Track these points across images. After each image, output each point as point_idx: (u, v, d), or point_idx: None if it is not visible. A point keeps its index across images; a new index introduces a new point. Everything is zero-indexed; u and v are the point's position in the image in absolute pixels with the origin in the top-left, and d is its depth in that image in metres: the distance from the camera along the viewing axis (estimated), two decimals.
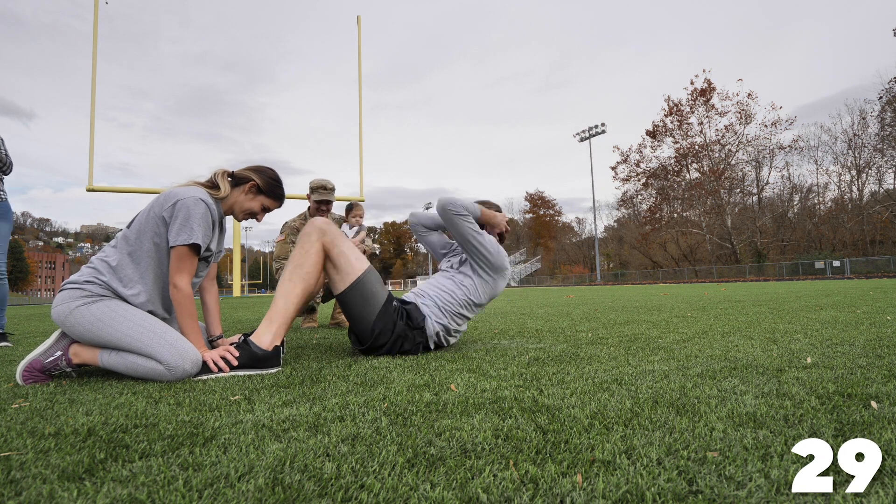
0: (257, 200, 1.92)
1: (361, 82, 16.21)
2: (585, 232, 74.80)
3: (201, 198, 1.72)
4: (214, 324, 2.02)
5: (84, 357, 1.67)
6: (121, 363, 1.63)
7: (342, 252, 1.97)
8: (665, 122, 45.14)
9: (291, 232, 3.82)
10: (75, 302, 1.64)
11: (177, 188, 1.76)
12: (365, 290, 1.98)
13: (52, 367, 1.65)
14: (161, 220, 1.70)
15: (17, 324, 4.95)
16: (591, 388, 1.31)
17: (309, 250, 1.92)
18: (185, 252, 1.68)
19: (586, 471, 0.75)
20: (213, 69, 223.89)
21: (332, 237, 1.96)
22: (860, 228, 36.67)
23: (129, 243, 1.72)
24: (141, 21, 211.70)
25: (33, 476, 0.79)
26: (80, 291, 1.66)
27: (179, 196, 1.70)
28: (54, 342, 1.70)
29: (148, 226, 1.71)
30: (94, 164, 13.44)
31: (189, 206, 1.68)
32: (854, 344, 1.96)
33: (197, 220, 1.69)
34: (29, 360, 1.64)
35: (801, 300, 5.28)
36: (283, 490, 0.71)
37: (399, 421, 1.05)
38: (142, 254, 1.71)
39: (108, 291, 1.68)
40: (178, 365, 1.59)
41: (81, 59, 33.30)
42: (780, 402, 1.10)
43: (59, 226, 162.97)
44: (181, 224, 1.67)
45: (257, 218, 1.97)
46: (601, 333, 2.68)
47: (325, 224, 1.97)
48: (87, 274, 1.70)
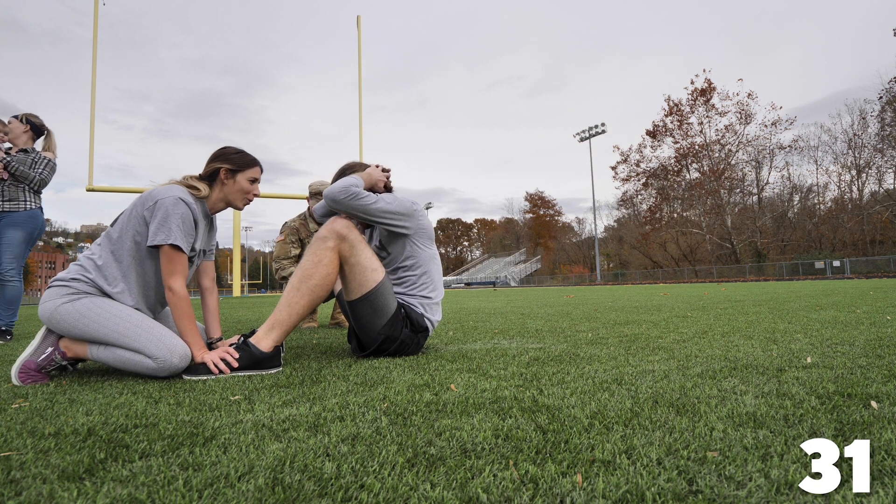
0: (241, 180, 1.89)
1: (361, 82, 16.21)
2: (585, 232, 74.86)
3: (181, 197, 1.72)
4: (214, 326, 2.01)
5: (75, 350, 1.68)
6: (110, 357, 1.63)
7: (359, 262, 1.86)
8: (665, 121, 45.19)
9: (291, 232, 3.83)
10: (60, 299, 1.65)
11: (158, 188, 1.76)
12: (377, 302, 1.89)
13: (48, 363, 1.65)
14: (142, 219, 1.71)
15: (17, 324, 4.95)
16: (591, 388, 1.31)
17: (322, 259, 1.82)
18: (172, 252, 1.68)
19: (586, 471, 0.75)
20: (212, 73, 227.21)
21: (350, 244, 1.84)
22: (860, 228, 36.67)
23: (112, 242, 1.73)
24: (141, 27, 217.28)
25: (33, 476, 0.79)
26: (66, 289, 1.66)
27: (159, 196, 1.70)
28: (41, 340, 1.70)
29: (129, 225, 1.72)
30: (94, 166, 13.52)
31: (168, 206, 1.68)
32: (854, 344, 1.96)
33: (175, 221, 1.68)
34: (21, 361, 1.64)
35: (801, 300, 5.28)
36: (283, 490, 0.71)
37: (399, 421, 1.05)
38: (123, 252, 1.71)
39: (93, 289, 1.68)
40: (166, 359, 1.59)
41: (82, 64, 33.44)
42: (780, 402, 1.10)
43: (59, 226, 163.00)
44: (159, 224, 1.67)
45: (255, 193, 1.94)
46: (601, 333, 2.68)
47: (345, 228, 1.85)
48: (74, 271, 1.71)
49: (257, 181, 1.93)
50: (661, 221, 45.80)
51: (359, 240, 1.88)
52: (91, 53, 13.72)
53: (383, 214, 1.96)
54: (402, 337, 1.95)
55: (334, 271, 1.85)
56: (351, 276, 1.88)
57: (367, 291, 1.88)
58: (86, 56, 18.05)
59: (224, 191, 1.88)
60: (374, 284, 1.88)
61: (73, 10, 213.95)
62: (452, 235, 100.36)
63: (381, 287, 1.89)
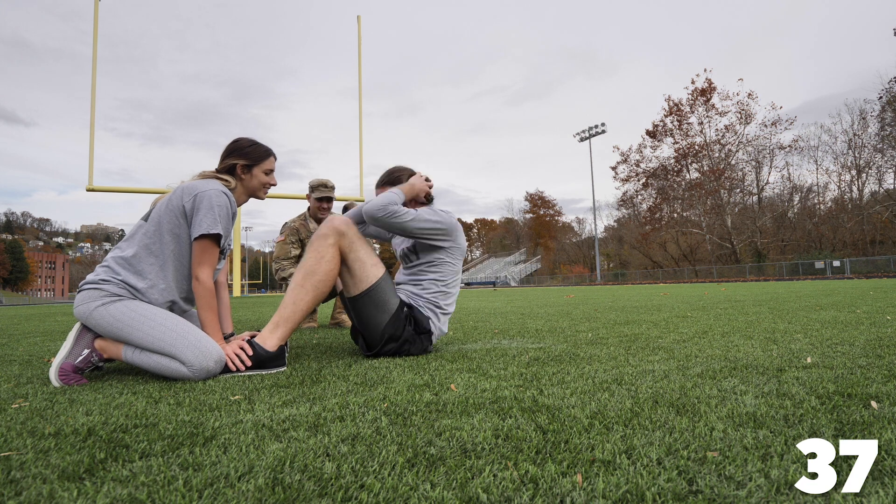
0: (257, 173, 1.90)
1: (361, 83, 16.20)
2: (585, 232, 74.88)
3: (223, 190, 1.74)
4: (227, 320, 2.03)
5: (110, 352, 1.67)
6: (146, 361, 1.62)
7: (359, 257, 1.89)
8: (665, 121, 45.18)
9: (291, 232, 3.83)
10: (95, 302, 1.64)
11: (195, 181, 1.77)
12: (378, 298, 1.91)
13: (85, 364, 1.64)
14: (181, 212, 1.71)
15: (17, 323, 4.95)
16: (591, 388, 1.31)
17: (324, 255, 1.84)
18: (209, 244, 1.70)
19: (586, 471, 0.75)
20: (210, 85, 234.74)
21: (350, 240, 1.88)
22: (860, 228, 36.66)
23: (148, 236, 1.72)
24: (140, 46, 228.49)
25: (33, 476, 0.79)
26: (99, 291, 1.65)
27: (200, 188, 1.71)
28: (75, 341, 1.67)
29: (166, 218, 1.72)
30: (95, 169, 13.61)
31: (212, 198, 1.70)
32: (854, 344, 1.96)
33: (221, 212, 1.71)
34: (58, 363, 1.61)
35: (801, 300, 5.28)
36: (283, 490, 0.71)
37: (399, 421, 1.05)
38: (161, 246, 1.71)
39: (124, 290, 1.67)
40: (201, 365, 1.59)
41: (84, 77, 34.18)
42: (780, 401, 1.10)
43: (59, 226, 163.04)
44: (205, 215, 1.68)
45: (272, 183, 1.95)
46: (601, 333, 2.68)
47: (343, 225, 1.88)
48: (103, 273, 1.70)
49: (272, 171, 1.95)
50: (661, 221, 45.78)
51: (357, 236, 1.91)
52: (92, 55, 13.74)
53: (422, 231, 2.00)
54: (406, 335, 1.96)
55: (336, 266, 1.87)
56: (352, 272, 1.91)
57: (367, 287, 1.90)
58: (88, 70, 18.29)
59: (243, 185, 1.90)
60: (374, 279, 1.91)
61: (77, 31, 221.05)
62: None
63: (382, 282, 1.92)
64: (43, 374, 1.78)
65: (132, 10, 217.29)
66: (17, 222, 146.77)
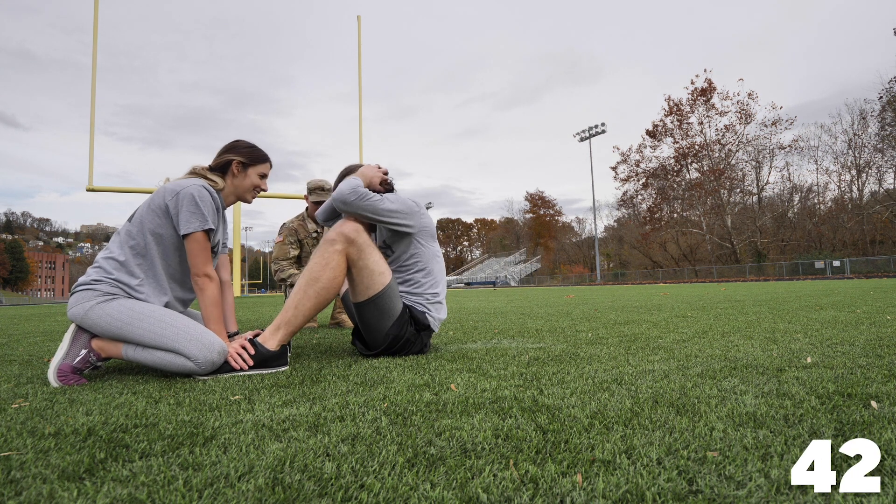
0: (252, 174, 1.90)
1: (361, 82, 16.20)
2: (585, 232, 74.88)
3: (204, 186, 1.74)
4: (231, 319, 2.03)
5: (109, 351, 1.67)
6: (148, 358, 1.62)
7: (367, 265, 1.86)
8: (665, 121, 45.17)
9: (289, 233, 3.82)
10: (89, 302, 1.63)
11: (177, 180, 1.77)
12: (383, 304, 1.89)
13: (84, 365, 1.63)
14: (163, 211, 1.71)
15: (17, 323, 4.95)
16: (591, 387, 1.31)
17: (329, 262, 1.81)
18: (203, 239, 1.69)
19: (586, 470, 0.75)
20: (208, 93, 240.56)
21: (359, 248, 1.84)
22: (860, 228, 36.66)
23: (132, 236, 1.72)
24: (141, 57, 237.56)
25: (33, 476, 0.79)
26: (92, 292, 1.65)
27: (182, 186, 1.71)
28: (72, 342, 1.66)
29: (148, 217, 1.71)
30: (95, 172, 13.68)
31: (194, 194, 1.70)
32: (854, 344, 1.96)
33: (206, 207, 1.71)
34: (56, 365, 1.60)
35: (801, 300, 5.28)
36: (283, 490, 0.71)
37: (399, 421, 1.05)
38: (145, 246, 1.71)
39: (118, 288, 1.67)
40: (206, 358, 1.59)
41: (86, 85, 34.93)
42: (780, 401, 1.10)
43: (59, 226, 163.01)
44: (191, 211, 1.68)
45: (263, 188, 1.95)
46: (601, 333, 2.68)
47: (353, 232, 1.84)
48: (95, 274, 1.69)
49: (266, 176, 1.95)
50: (661, 221, 45.77)
51: (367, 243, 1.87)
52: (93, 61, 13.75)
53: (391, 213, 1.96)
54: (407, 335, 1.96)
55: (341, 274, 1.85)
56: (359, 279, 1.88)
57: (374, 294, 1.88)
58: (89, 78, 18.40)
59: (234, 183, 1.89)
60: (381, 287, 1.88)
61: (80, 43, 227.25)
62: (452, 235, 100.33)
63: (388, 290, 1.90)
64: (43, 374, 1.78)
65: (133, 23, 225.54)
66: (17, 222, 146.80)
